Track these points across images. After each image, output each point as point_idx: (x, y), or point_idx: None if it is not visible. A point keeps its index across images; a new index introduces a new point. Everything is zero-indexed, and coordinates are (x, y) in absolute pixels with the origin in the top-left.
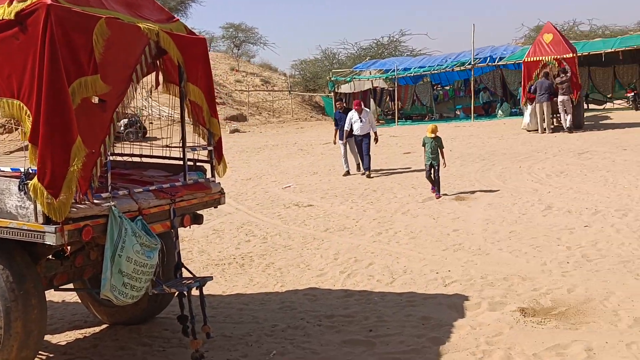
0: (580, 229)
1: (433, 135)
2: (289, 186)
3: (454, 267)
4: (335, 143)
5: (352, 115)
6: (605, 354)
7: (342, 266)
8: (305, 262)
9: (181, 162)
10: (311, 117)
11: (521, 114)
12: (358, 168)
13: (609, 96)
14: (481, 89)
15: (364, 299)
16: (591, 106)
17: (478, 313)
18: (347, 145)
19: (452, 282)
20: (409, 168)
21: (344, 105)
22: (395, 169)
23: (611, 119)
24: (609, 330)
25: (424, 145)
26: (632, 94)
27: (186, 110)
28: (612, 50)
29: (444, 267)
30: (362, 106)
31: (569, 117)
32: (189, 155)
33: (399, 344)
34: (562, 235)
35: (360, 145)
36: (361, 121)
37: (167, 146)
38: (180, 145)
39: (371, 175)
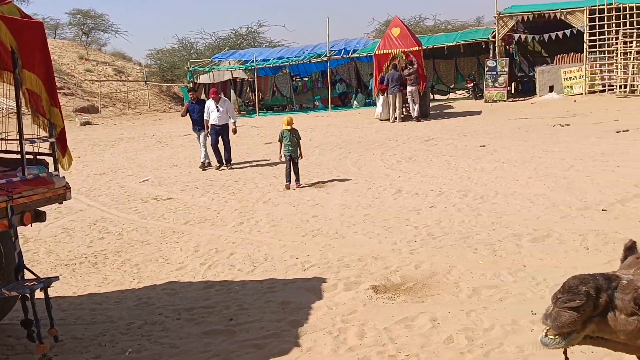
0: (426, 209)
1: (289, 128)
2: (147, 179)
3: (312, 252)
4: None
5: (210, 104)
6: (448, 323)
7: (203, 258)
8: (164, 257)
9: (19, 156)
10: (170, 108)
11: (374, 104)
12: (220, 163)
13: (451, 87)
14: (337, 81)
15: (224, 289)
16: (436, 96)
17: (335, 294)
18: (205, 136)
19: (310, 266)
20: (270, 159)
21: (197, 96)
22: (257, 160)
23: (454, 108)
24: (451, 301)
25: (281, 139)
26: (472, 84)
27: (23, 100)
28: (454, 43)
29: (303, 252)
30: (220, 95)
31: (416, 107)
32: (28, 148)
33: (259, 329)
34: (411, 216)
35: (219, 136)
36: (218, 110)
37: (2, 139)
38: (18, 137)
39: (232, 167)
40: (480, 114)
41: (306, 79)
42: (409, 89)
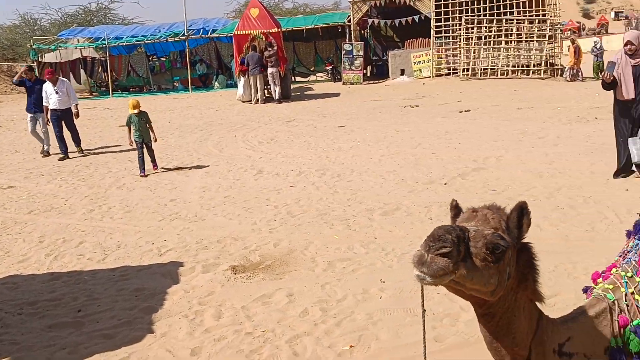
0: (286, 189)
1: (137, 111)
2: None
3: (170, 236)
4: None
5: (47, 87)
6: (304, 297)
7: (49, 248)
8: (4, 249)
9: None
10: (11, 89)
11: (236, 85)
12: (64, 154)
13: (312, 69)
14: (197, 61)
15: (72, 279)
16: (297, 78)
17: (192, 277)
18: (46, 123)
19: (167, 251)
20: (124, 143)
21: (36, 75)
22: (110, 143)
23: (314, 90)
24: (307, 276)
25: (129, 124)
26: (331, 67)
27: None
28: (312, 26)
29: (159, 237)
30: (57, 75)
31: (277, 89)
32: None
33: (109, 319)
34: (271, 196)
35: (62, 121)
36: (57, 93)
37: None
38: None
39: (84, 151)
40: (338, 96)
41: (164, 59)
42: (269, 70)
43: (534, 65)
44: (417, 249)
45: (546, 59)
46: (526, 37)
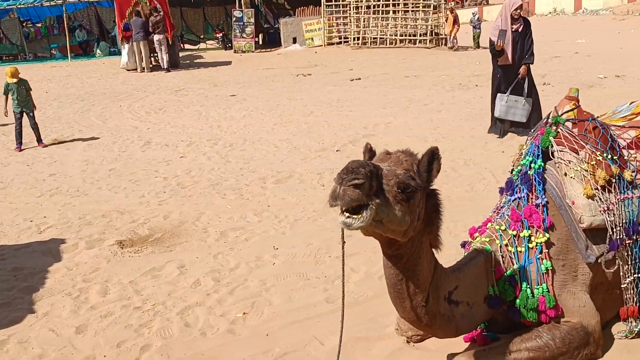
0: (176, 160)
1: (16, 80)
2: None
3: (50, 212)
4: None
5: None
6: (195, 268)
7: None
8: None
9: None
10: None
11: (120, 53)
12: None
13: (201, 37)
14: (76, 27)
15: None
16: (186, 46)
17: (75, 254)
18: None
19: (47, 228)
20: None
21: None
22: None
23: (204, 58)
24: (199, 247)
25: (6, 93)
26: (221, 34)
27: None
28: None
29: (38, 214)
30: None
31: (165, 57)
32: None
33: None
34: (160, 168)
35: None
36: None
37: None
38: None
39: None
40: (230, 64)
41: (39, 24)
42: (156, 37)
43: (420, 35)
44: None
45: (431, 28)
46: (412, 7)
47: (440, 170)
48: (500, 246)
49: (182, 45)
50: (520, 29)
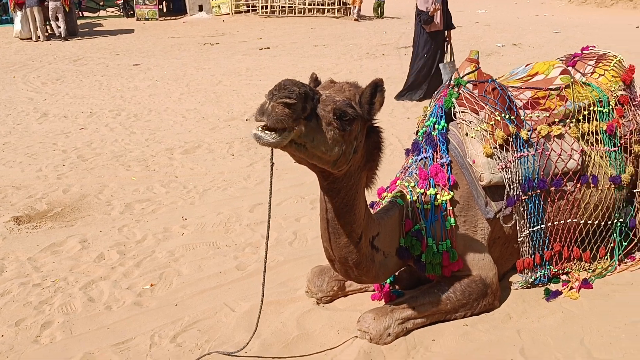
0: (76, 132)
1: None
2: None
3: None
4: None
5: None
6: (99, 241)
7: None
8: None
9: None
10: None
11: (12, 21)
12: None
13: (101, 4)
14: None
15: None
16: (85, 14)
17: None
18: None
19: None
20: None
21: None
22: None
23: (104, 26)
24: (103, 220)
25: None
26: (122, 1)
27: None
28: None
29: None
30: None
31: (62, 24)
32: None
33: None
34: (59, 140)
35: None
36: None
37: None
38: None
39: None
40: (132, 33)
41: None
42: (51, 5)
43: (328, 4)
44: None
45: None
46: None
47: (383, 104)
48: (410, 201)
49: (80, 12)
50: None
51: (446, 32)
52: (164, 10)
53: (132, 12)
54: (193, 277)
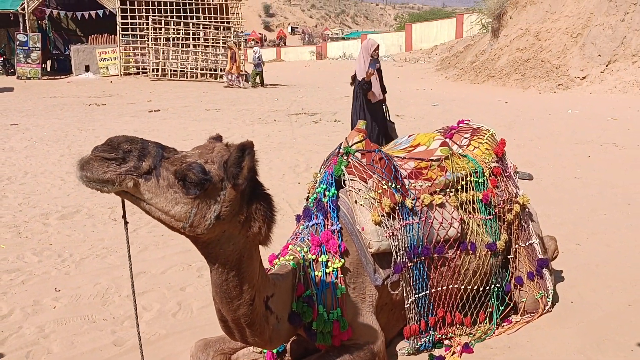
0: None
1: None
2: None
3: None
4: None
5: None
6: None
7: None
8: None
9: None
10: None
11: None
12: None
13: None
14: None
15: None
16: None
17: None
18: None
19: None
20: None
21: None
22: None
23: None
24: None
25: None
26: (2, 59)
27: None
28: None
29: None
30: None
31: None
32: None
33: None
34: None
35: None
36: None
37: None
38: None
39: None
40: (12, 91)
41: None
42: None
43: (221, 70)
44: None
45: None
46: (213, 43)
47: (252, 169)
48: (302, 266)
49: None
50: (378, 68)
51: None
52: (48, 69)
53: (12, 70)
54: (64, 356)
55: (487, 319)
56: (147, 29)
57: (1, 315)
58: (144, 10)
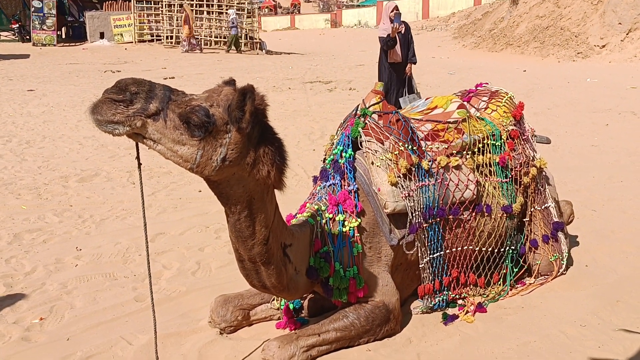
0: None
1: None
2: None
3: None
4: None
5: None
6: None
7: None
8: None
9: None
10: None
11: None
12: None
13: None
14: None
15: None
16: None
17: None
18: None
19: None
20: None
21: None
22: None
23: None
24: None
25: None
26: (17, 25)
27: None
28: None
29: None
30: None
31: None
32: None
33: None
34: None
35: None
36: None
37: None
38: None
39: None
40: (28, 58)
41: None
42: None
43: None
44: None
45: (246, 32)
46: (226, 10)
47: (254, 112)
48: (320, 223)
49: None
50: (402, 32)
51: (407, 65)
52: (63, 36)
53: (28, 37)
54: (87, 310)
55: (501, 280)
56: None
57: (24, 272)
58: None
